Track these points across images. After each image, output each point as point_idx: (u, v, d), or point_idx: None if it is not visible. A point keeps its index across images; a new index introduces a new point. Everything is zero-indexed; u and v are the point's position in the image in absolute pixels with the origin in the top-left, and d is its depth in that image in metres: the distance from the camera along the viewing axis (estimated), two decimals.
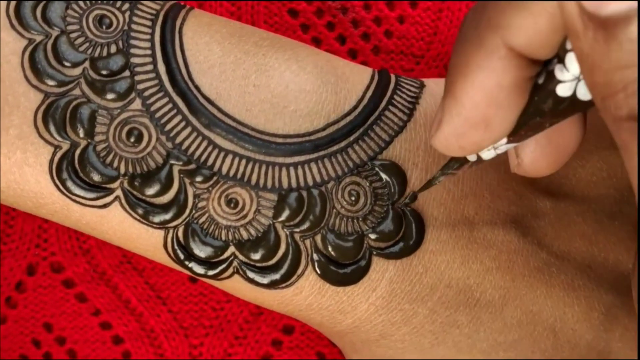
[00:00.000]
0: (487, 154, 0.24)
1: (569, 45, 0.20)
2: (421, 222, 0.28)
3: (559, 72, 0.21)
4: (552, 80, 0.21)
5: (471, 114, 0.22)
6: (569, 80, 0.21)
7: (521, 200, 0.29)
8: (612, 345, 0.29)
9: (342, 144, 0.28)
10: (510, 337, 0.28)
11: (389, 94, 0.28)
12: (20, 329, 0.33)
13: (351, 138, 0.28)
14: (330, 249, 0.27)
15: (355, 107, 0.28)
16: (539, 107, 0.22)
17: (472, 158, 0.25)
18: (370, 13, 0.34)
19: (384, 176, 0.27)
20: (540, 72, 0.22)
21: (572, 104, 0.21)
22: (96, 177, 0.27)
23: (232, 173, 0.27)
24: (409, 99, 0.28)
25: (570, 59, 0.20)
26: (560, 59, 0.21)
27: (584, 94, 0.21)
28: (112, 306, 0.33)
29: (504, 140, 0.23)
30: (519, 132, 0.22)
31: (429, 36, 0.34)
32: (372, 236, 0.27)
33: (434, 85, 0.29)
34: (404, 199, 0.27)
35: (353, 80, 0.28)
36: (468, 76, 0.21)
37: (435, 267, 0.28)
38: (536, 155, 0.24)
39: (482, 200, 0.28)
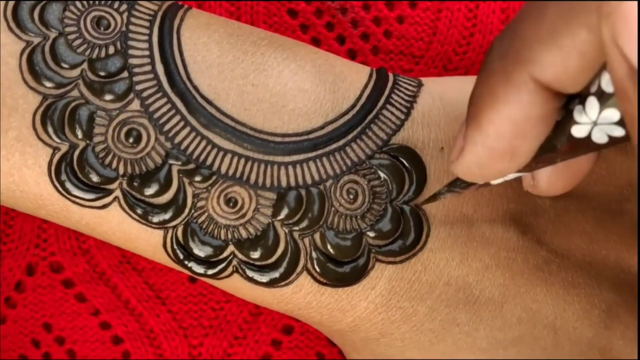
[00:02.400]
0: (497, 179, 0.24)
1: (593, 88, 0.20)
2: (420, 220, 0.27)
3: (578, 114, 0.21)
4: (570, 120, 0.21)
5: (496, 144, 0.22)
6: (586, 123, 0.21)
7: (520, 198, 0.28)
8: (613, 343, 0.28)
9: (341, 142, 0.28)
10: (510, 335, 0.28)
11: (386, 92, 0.28)
12: (20, 329, 0.33)
13: (349, 137, 0.28)
14: (329, 247, 0.27)
15: (353, 106, 0.28)
16: (553, 143, 0.22)
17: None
18: (369, 13, 0.34)
19: (382, 174, 0.27)
20: (562, 105, 0.22)
21: (586, 145, 0.21)
22: (95, 178, 0.27)
23: (231, 172, 0.27)
24: (407, 97, 0.28)
25: (591, 104, 0.20)
26: (582, 100, 0.21)
27: (599, 138, 0.21)
28: (112, 306, 0.33)
29: None
30: (530, 164, 0.23)
31: (428, 36, 0.34)
32: (371, 234, 0.27)
33: (433, 84, 0.29)
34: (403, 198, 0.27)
35: (351, 79, 0.28)
36: (494, 108, 0.21)
37: (434, 265, 0.28)
38: (552, 179, 0.24)
39: (481, 197, 0.28)
